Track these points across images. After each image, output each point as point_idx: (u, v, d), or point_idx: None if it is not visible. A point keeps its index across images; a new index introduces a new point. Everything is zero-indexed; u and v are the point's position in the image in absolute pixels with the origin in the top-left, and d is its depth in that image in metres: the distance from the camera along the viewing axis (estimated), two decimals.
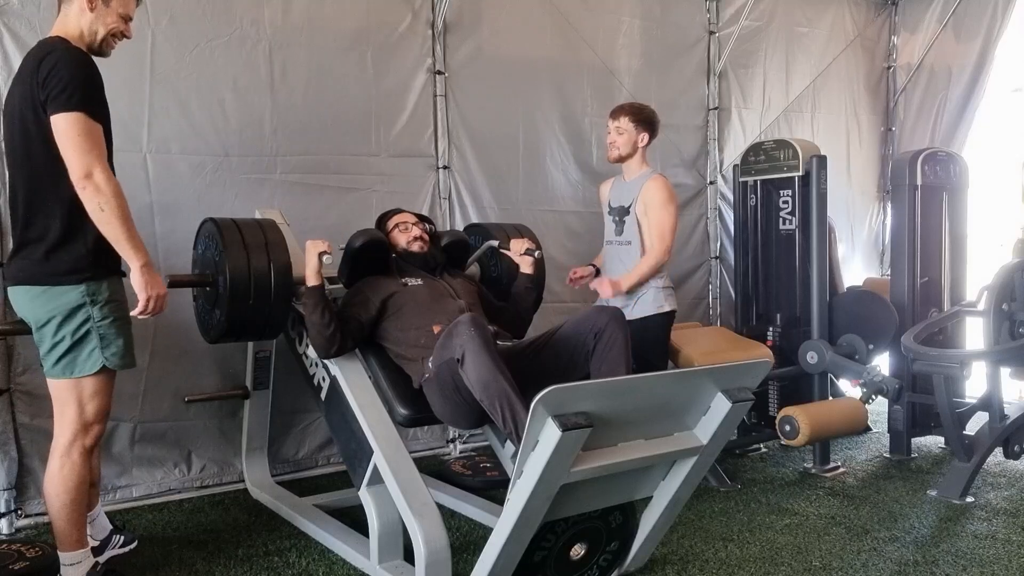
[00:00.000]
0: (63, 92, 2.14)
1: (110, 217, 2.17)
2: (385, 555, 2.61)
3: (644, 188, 3.40)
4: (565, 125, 4.51)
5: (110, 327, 2.31)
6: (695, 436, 2.29)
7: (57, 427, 2.35)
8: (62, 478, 2.32)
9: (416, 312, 2.79)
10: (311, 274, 2.70)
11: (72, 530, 2.35)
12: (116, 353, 2.32)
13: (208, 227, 2.87)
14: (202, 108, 3.46)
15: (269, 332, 2.97)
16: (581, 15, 4.52)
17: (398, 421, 2.74)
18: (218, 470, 3.61)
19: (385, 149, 3.94)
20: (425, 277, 2.95)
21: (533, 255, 3.10)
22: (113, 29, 2.35)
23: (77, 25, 2.31)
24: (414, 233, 3.04)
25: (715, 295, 5.18)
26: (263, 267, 2.74)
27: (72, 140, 2.14)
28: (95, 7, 2.30)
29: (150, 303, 2.27)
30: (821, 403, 3.97)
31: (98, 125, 2.20)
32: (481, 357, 2.30)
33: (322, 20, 3.76)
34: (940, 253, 4.25)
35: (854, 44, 5.73)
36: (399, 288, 2.86)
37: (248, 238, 2.76)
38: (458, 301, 2.86)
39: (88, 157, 2.15)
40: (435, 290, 2.89)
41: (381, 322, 2.83)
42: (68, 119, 2.14)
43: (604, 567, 2.46)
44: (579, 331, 2.60)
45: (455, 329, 2.41)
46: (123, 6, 2.36)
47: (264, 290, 2.74)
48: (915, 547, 2.97)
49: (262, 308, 2.76)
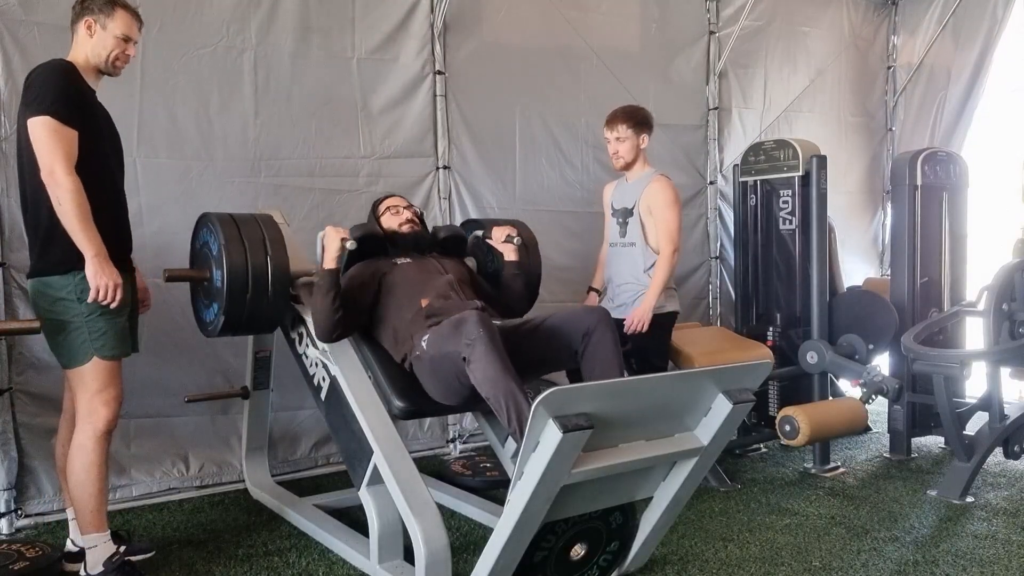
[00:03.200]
0: (36, 98, 2.34)
1: (65, 211, 2.32)
2: (385, 555, 2.61)
3: (647, 189, 3.39)
4: (565, 125, 4.51)
5: (98, 319, 2.41)
6: (696, 437, 2.29)
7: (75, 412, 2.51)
8: (72, 460, 2.45)
9: (405, 289, 2.85)
10: (330, 259, 2.74)
11: (86, 512, 2.46)
12: (106, 345, 2.43)
13: (206, 222, 2.89)
14: (188, 114, 3.48)
15: (266, 326, 2.99)
16: (581, 15, 4.52)
17: (394, 414, 2.74)
18: (217, 470, 3.61)
19: (380, 150, 3.94)
20: (415, 256, 3.02)
21: (513, 242, 3.10)
22: (114, 53, 2.52)
23: (83, 50, 2.51)
24: (405, 216, 3.10)
25: (715, 295, 5.19)
26: (261, 262, 2.76)
27: (39, 140, 2.32)
28: (94, 33, 2.49)
29: (101, 291, 2.36)
30: (821, 403, 3.97)
31: (70, 129, 2.35)
32: (490, 356, 2.31)
33: (318, 23, 3.76)
34: (940, 253, 4.25)
35: (854, 44, 5.73)
36: (390, 268, 2.93)
37: (246, 233, 2.78)
38: (446, 276, 2.90)
39: (51, 156, 2.31)
40: (424, 267, 2.95)
41: (376, 305, 2.87)
42: (37, 122, 2.32)
43: (604, 567, 2.47)
44: (567, 329, 2.60)
45: (463, 326, 2.40)
46: (122, 29, 2.51)
47: (261, 284, 2.76)
48: (915, 547, 2.97)
49: (259, 302, 2.78)
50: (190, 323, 3.49)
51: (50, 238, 2.41)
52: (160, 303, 3.41)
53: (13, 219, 3.08)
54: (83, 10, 2.49)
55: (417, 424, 4.16)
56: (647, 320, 3.31)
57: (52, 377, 3.02)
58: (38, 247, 2.46)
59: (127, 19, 2.53)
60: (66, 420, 2.64)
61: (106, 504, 2.51)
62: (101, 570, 2.46)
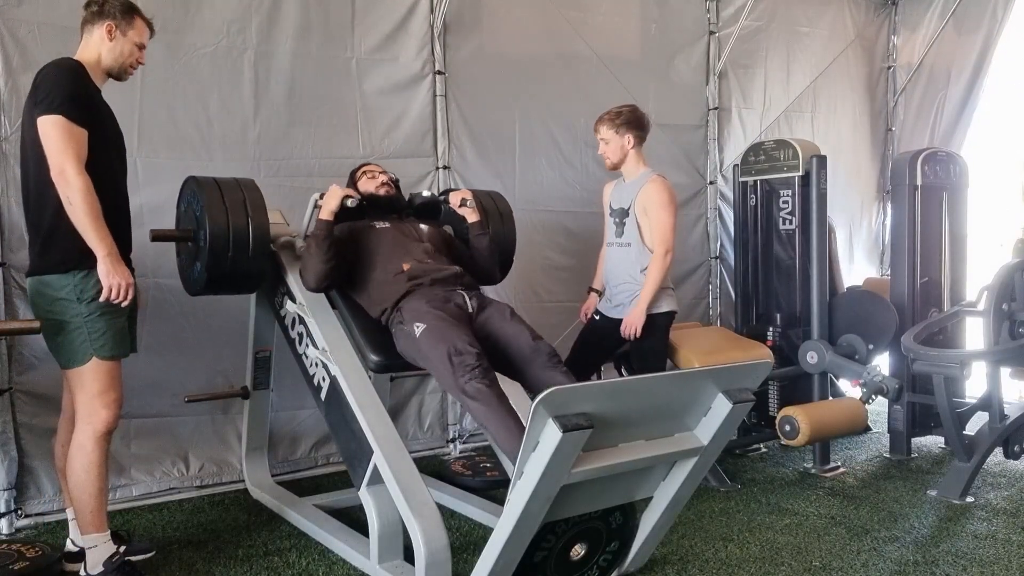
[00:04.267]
0: (46, 98, 2.34)
1: (76, 210, 2.32)
2: (385, 555, 2.60)
3: (643, 189, 3.40)
4: (564, 125, 4.51)
5: (98, 319, 2.41)
6: (695, 437, 2.29)
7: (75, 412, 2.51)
8: (72, 460, 2.45)
9: (385, 251, 2.93)
10: (328, 211, 2.86)
11: (85, 512, 2.46)
12: (105, 345, 2.43)
13: (190, 185, 2.98)
14: (188, 113, 3.49)
15: (247, 285, 3.05)
16: (581, 15, 4.52)
17: (371, 368, 2.84)
18: (217, 470, 3.61)
19: (380, 150, 3.94)
20: (393, 220, 3.09)
21: (466, 204, 3.15)
22: (130, 58, 2.57)
23: (97, 51, 2.53)
24: (381, 179, 3.20)
25: (715, 295, 5.18)
26: (242, 222, 2.84)
27: (50, 139, 2.32)
28: (114, 37, 2.52)
29: (113, 291, 2.37)
30: (821, 403, 3.97)
31: (80, 129, 2.36)
32: (491, 409, 2.41)
33: (318, 23, 3.77)
34: (940, 253, 4.25)
35: (854, 44, 5.73)
36: (370, 229, 3.01)
37: (228, 195, 2.87)
38: (424, 243, 2.99)
39: (62, 155, 2.31)
40: (402, 232, 3.03)
41: (356, 264, 2.94)
42: (48, 121, 2.33)
43: (604, 567, 2.47)
44: (516, 346, 2.70)
45: (461, 365, 2.45)
46: (139, 36, 2.58)
47: (242, 244, 2.84)
48: (915, 547, 2.97)
49: (240, 261, 2.85)
50: (190, 323, 3.51)
51: (51, 237, 2.41)
52: (160, 303, 3.42)
53: (13, 219, 3.08)
54: (102, 13, 2.51)
55: (417, 424, 4.17)
56: (640, 325, 3.33)
57: (52, 377, 3.02)
58: (39, 245, 2.46)
59: (143, 27, 2.60)
60: (65, 420, 2.64)
61: (106, 504, 2.51)
62: (101, 570, 2.46)
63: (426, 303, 2.70)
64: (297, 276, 2.98)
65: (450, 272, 2.88)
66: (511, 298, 4.21)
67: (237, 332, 3.49)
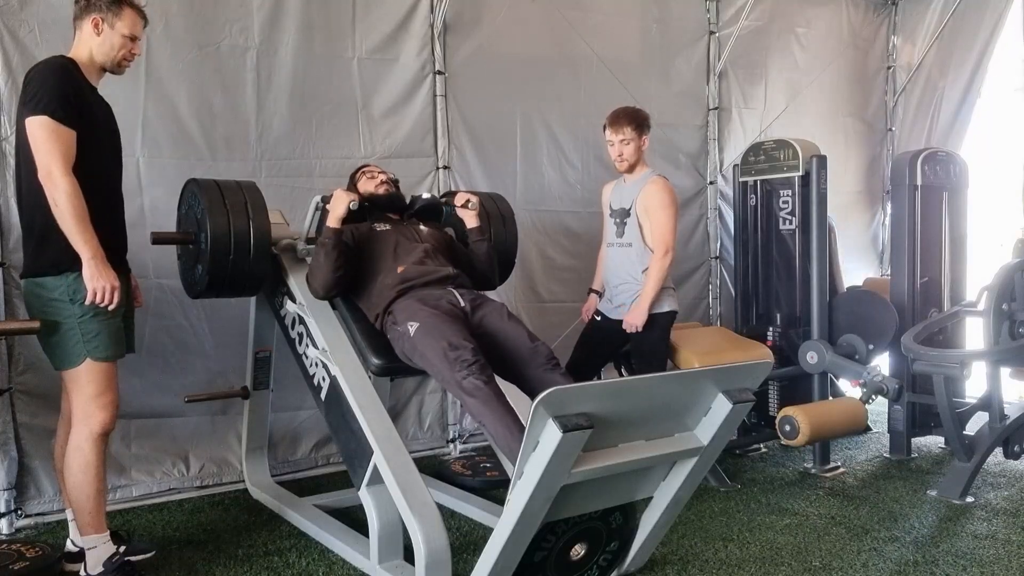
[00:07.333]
0: (33, 98, 2.32)
1: (62, 212, 2.30)
2: (385, 555, 2.60)
3: (644, 190, 3.40)
4: (564, 125, 4.50)
5: (91, 321, 2.40)
6: (696, 437, 2.29)
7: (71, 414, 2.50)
8: (70, 461, 2.44)
9: (383, 254, 2.91)
10: (335, 219, 2.85)
11: (84, 514, 2.46)
12: (99, 346, 2.42)
13: (191, 187, 2.97)
14: (191, 113, 3.48)
15: (248, 288, 3.04)
16: (581, 15, 4.52)
17: (372, 371, 2.82)
18: (217, 470, 3.61)
19: (380, 150, 3.94)
20: (393, 222, 3.07)
21: (468, 206, 3.12)
22: (121, 51, 2.51)
23: (87, 47, 2.48)
24: (380, 179, 3.18)
25: (715, 295, 5.18)
26: (243, 225, 2.84)
27: (37, 140, 2.31)
28: (101, 31, 2.47)
29: (98, 294, 2.36)
30: (821, 403, 3.97)
31: (68, 129, 2.33)
32: (489, 407, 2.39)
33: (319, 23, 3.76)
34: (940, 253, 4.25)
35: (854, 44, 5.73)
36: (370, 232, 2.99)
37: (229, 198, 2.86)
38: (423, 244, 2.97)
39: (49, 157, 2.29)
40: (401, 234, 3.00)
41: (358, 268, 2.93)
42: (35, 121, 2.31)
43: (604, 567, 2.47)
44: (514, 346, 2.69)
45: (457, 360, 2.44)
46: (129, 28, 2.51)
47: (244, 247, 2.83)
48: (915, 547, 2.97)
49: (241, 264, 2.84)
50: (190, 323, 3.51)
51: (45, 238, 2.39)
52: (161, 303, 3.42)
53: (13, 219, 3.07)
54: (89, 6, 2.46)
55: (417, 424, 4.17)
56: (641, 323, 3.33)
57: (52, 377, 3.00)
58: (32, 247, 2.45)
59: (134, 18, 2.52)
60: (64, 422, 2.63)
61: (105, 505, 2.51)
62: (101, 570, 2.46)
63: (417, 302, 2.69)
64: (298, 277, 2.97)
65: (443, 273, 2.86)
66: (512, 298, 4.22)
67: (237, 332, 3.49)
